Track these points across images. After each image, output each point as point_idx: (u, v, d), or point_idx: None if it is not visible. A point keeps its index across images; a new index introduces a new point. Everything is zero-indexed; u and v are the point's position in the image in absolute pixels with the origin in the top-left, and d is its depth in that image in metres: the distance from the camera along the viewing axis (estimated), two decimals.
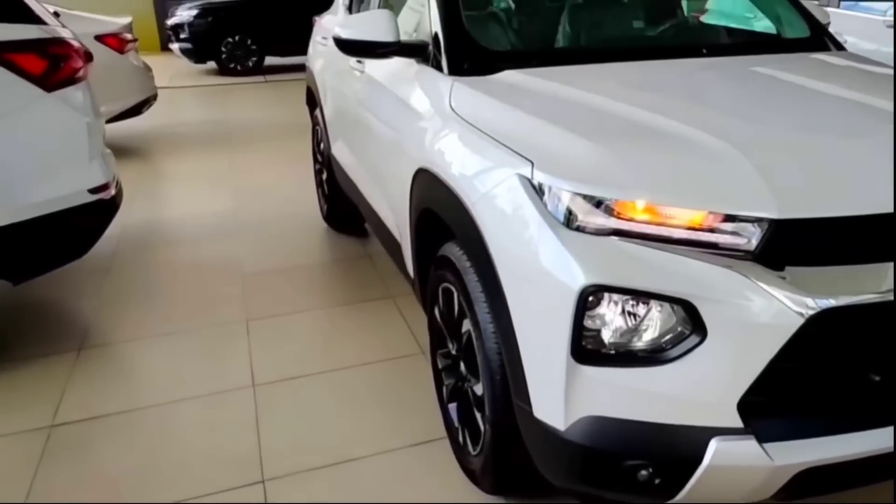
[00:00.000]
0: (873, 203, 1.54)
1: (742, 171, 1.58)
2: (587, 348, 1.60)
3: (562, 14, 2.79)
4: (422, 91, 2.38)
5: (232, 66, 10.79)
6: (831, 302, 1.46)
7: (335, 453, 2.44)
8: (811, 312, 1.45)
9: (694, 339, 1.53)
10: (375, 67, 2.87)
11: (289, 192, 5.22)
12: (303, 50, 10.71)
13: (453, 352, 2.25)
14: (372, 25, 2.40)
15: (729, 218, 1.53)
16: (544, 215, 1.65)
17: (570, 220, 1.62)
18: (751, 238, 1.52)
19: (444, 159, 2.09)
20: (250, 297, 3.63)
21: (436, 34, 2.38)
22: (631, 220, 1.58)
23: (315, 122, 4.25)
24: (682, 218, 1.56)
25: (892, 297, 1.49)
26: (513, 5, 2.98)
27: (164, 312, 3.50)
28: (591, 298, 1.56)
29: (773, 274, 1.49)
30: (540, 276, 1.66)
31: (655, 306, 1.55)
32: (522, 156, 1.75)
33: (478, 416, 2.06)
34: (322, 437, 2.54)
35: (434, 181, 2.11)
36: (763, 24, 2.92)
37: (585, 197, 1.62)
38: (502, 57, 2.40)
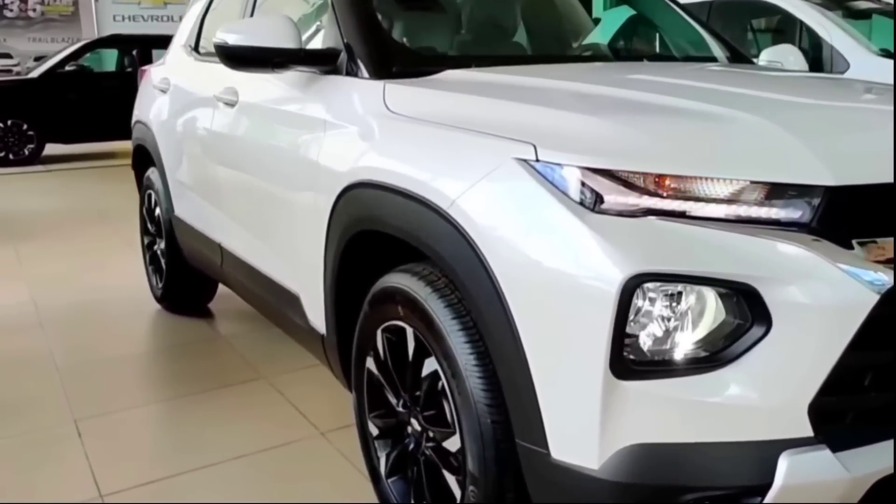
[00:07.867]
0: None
1: (778, 137, 1.40)
2: (629, 359, 1.30)
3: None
4: (341, 101, 2.02)
5: (2, 154, 9.43)
6: None
7: None
8: (886, 287, 1.27)
9: (757, 332, 1.28)
10: (259, 90, 2.45)
11: (100, 281, 4.41)
12: (93, 136, 9.81)
13: (400, 408, 1.82)
14: (269, 31, 2.02)
15: (777, 189, 1.33)
16: (562, 200, 1.36)
17: (594, 203, 1.34)
18: (804, 211, 1.33)
19: (392, 164, 1.74)
20: (74, 394, 2.88)
21: (347, 42, 2.06)
22: (666, 197, 1.33)
23: (148, 186, 3.66)
24: (725, 191, 1.33)
25: None
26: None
27: None
28: (635, 293, 1.27)
29: (838, 248, 1.30)
30: (563, 276, 1.35)
31: (709, 296, 1.30)
32: (517, 139, 1.46)
33: (450, 479, 1.64)
34: None
35: (378, 194, 1.74)
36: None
37: (609, 174, 1.35)
38: (435, 60, 2.13)
